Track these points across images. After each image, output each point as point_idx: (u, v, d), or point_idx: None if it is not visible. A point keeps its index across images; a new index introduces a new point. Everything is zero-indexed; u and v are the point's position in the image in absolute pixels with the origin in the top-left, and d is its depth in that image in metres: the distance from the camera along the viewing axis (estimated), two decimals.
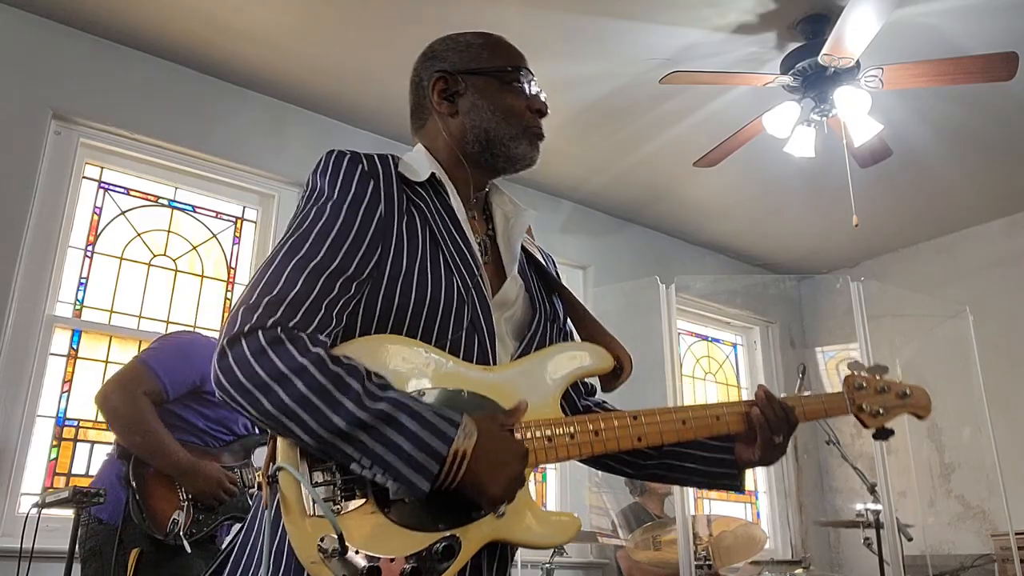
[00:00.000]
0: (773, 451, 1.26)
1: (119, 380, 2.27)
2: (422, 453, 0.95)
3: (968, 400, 3.99)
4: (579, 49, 3.55)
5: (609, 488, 4.23)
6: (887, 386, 1.39)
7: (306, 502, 0.96)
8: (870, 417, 1.37)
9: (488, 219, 1.32)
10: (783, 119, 3.44)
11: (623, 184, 4.79)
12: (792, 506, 5.44)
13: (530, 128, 1.26)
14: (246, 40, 3.53)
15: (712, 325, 5.68)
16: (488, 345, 1.14)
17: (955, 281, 5.20)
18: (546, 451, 1.10)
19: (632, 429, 1.18)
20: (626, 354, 1.24)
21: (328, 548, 0.93)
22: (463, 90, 1.26)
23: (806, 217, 5.17)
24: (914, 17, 3.31)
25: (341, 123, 4.12)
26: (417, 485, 0.95)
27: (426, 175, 1.20)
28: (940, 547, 4.90)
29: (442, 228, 1.17)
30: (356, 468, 0.96)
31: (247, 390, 0.96)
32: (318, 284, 1.04)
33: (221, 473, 2.29)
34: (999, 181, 4.72)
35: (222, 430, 2.40)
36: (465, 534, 1.01)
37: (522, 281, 1.27)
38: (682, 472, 1.33)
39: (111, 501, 2.20)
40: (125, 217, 3.60)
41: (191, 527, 2.21)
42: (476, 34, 1.32)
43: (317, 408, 0.95)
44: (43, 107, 3.33)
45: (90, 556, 2.21)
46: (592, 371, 1.22)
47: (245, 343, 0.97)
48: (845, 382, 1.39)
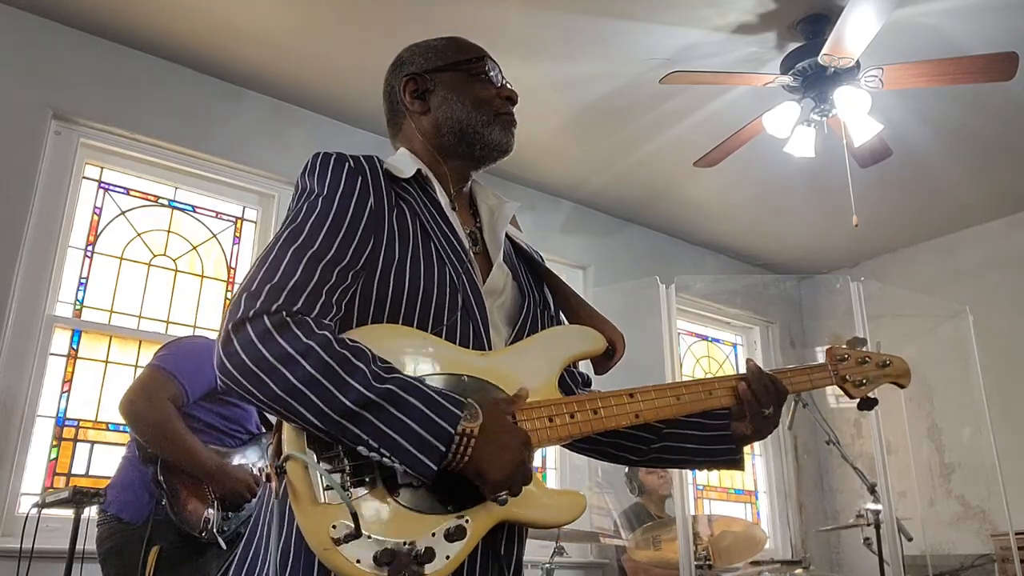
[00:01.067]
0: (764, 423, 1.28)
1: (141, 387, 2.29)
2: (429, 434, 0.96)
3: (968, 400, 4.00)
4: (579, 49, 3.55)
5: (611, 488, 4.23)
6: (867, 357, 1.44)
7: (316, 490, 0.96)
8: (853, 387, 1.42)
9: (475, 214, 1.35)
10: (783, 119, 3.44)
11: (623, 184, 4.79)
12: (792, 506, 5.44)
13: (501, 114, 1.29)
14: (246, 40, 3.53)
15: (712, 325, 5.68)
16: (482, 330, 1.16)
17: (955, 281, 5.20)
18: (548, 431, 1.12)
19: (629, 406, 1.20)
20: (619, 334, 1.26)
21: (341, 534, 0.93)
22: (432, 87, 1.30)
23: (806, 217, 5.17)
24: (914, 17, 3.31)
25: (341, 123, 4.12)
26: (427, 464, 0.95)
27: (412, 172, 1.23)
28: (940, 547, 4.90)
29: (431, 220, 1.20)
30: (363, 450, 0.96)
31: (254, 373, 0.96)
32: (317, 272, 1.05)
33: (249, 475, 2.32)
34: (999, 181, 4.72)
35: (239, 429, 2.43)
36: (475, 516, 1.02)
37: (509, 270, 1.30)
38: (683, 453, 1.35)
39: (132, 501, 2.23)
40: (125, 217, 3.60)
41: (221, 525, 2.25)
42: (437, 38, 1.37)
43: (325, 388, 0.95)
44: (43, 107, 3.33)
45: (110, 555, 2.22)
46: (586, 353, 1.24)
47: (250, 327, 0.98)
48: (827, 353, 1.44)
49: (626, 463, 1.41)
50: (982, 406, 4.00)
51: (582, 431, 1.15)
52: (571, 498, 1.14)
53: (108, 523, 2.26)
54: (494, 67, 1.33)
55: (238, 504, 2.30)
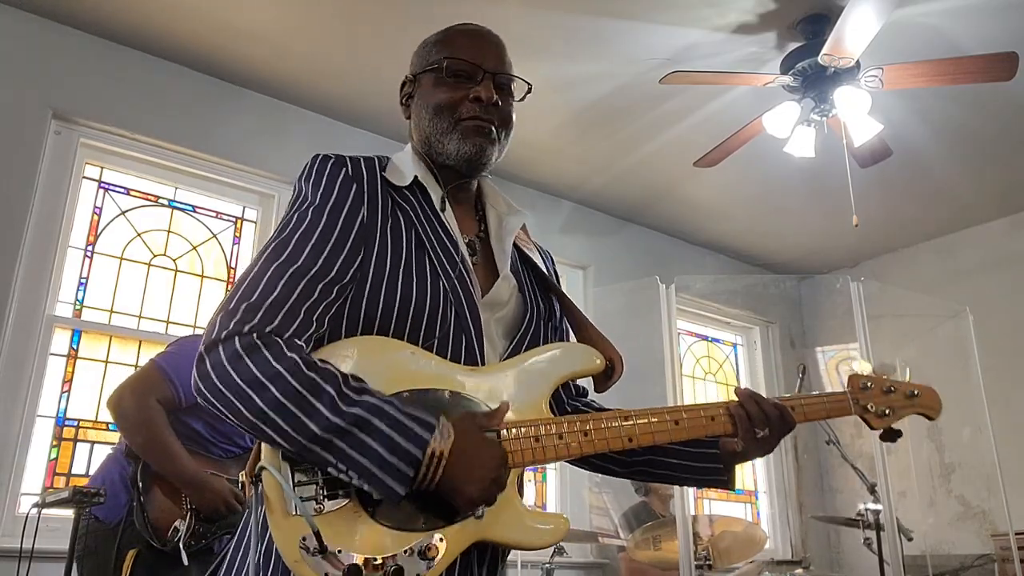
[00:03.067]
0: (756, 445, 1.22)
1: (133, 385, 2.26)
2: (396, 457, 0.95)
3: (968, 400, 3.99)
4: (579, 49, 3.55)
5: (610, 488, 4.23)
6: (894, 386, 1.35)
7: (287, 502, 0.96)
8: (876, 418, 1.33)
9: (481, 219, 1.31)
10: (783, 119, 3.44)
11: (623, 184, 4.79)
12: (792, 506, 5.44)
13: (462, 120, 1.20)
14: (246, 40, 3.53)
15: (712, 325, 5.68)
16: (475, 345, 1.13)
17: (955, 281, 5.20)
18: (533, 452, 1.08)
19: (623, 430, 1.15)
20: (618, 355, 1.22)
21: (310, 547, 0.93)
22: (414, 92, 1.28)
23: (806, 217, 5.17)
24: (914, 17, 3.30)
25: (341, 123, 4.12)
26: (393, 489, 0.95)
27: (409, 179, 1.20)
28: (940, 547, 4.90)
29: (428, 230, 1.17)
30: (334, 472, 0.96)
31: (224, 395, 0.97)
32: (298, 288, 1.04)
33: (228, 489, 2.26)
34: (999, 181, 4.72)
35: (228, 442, 2.38)
36: (450, 534, 1.00)
37: (515, 280, 1.26)
38: (669, 469, 1.30)
39: (109, 500, 2.19)
40: (125, 217, 3.60)
41: (191, 538, 2.19)
42: (440, 31, 1.30)
43: (293, 414, 0.95)
44: (43, 107, 3.33)
45: (86, 554, 2.20)
46: (582, 372, 1.19)
47: (222, 349, 0.98)
48: (849, 382, 1.35)
49: (609, 474, 1.36)
50: (982, 406, 4.00)
51: (570, 453, 1.11)
52: (553, 521, 1.09)
53: (84, 520, 2.23)
54: (471, 66, 1.22)
55: (213, 518, 2.24)
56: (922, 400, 1.37)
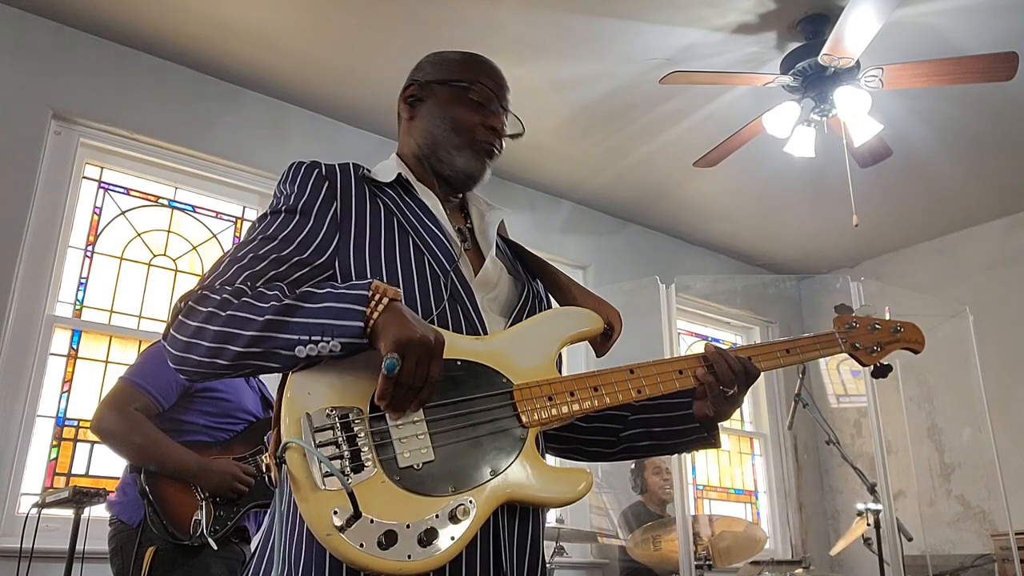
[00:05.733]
0: (726, 404, 1.25)
1: (109, 402, 2.28)
2: (347, 302, 1.00)
3: (968, 400, 4.00)
4: (578, 49, 3.55)
5: (610, 488, 4.23)
6: (878, 323, 1.41)
7: (315, 477, 0.96)
8: (866, 355, 1.39)
9: (466, 217, 1.36)
10: (783, 119, 3.44)
11: (623, 184, 4.79)
12: (792, 506, 5.44)
13: (478, 142, 1.29)
14: (246, 40, 3.53)
15: (712, 325, 5.68)
16: (474, 316, 1.16)
17: (955, 281, 5.20)
18: (547, 410, 1.11)
19: (631, 382, 1.19)
20: (615, 313, 1.25)
21: (343, 519, 0.93)
22: (426, 98, 1.33)
23: (806, 217, 5.17)
24: (914, 17, 3.31)
25: (341, 123, 4.12)
26: (351, 325, 0.98)
27: (392, 177, 1.25)
28: (940, 547, 4.90)
29: (411, 217, 1.21)
30: (301, 351, 0.98)
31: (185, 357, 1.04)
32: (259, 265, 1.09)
33: (233, 466, 2.28)
34: (999, 181, 4.72)
35: (229, 421, 2.40)
36: (478, 496, 1.02)
37: (502, 264, 1.30)
38: (653, 439, 1.33)
39: (128, 503, 2.23)
40: (125, 217, 3.60)
41: (214, 524, 2.21)
42: (463, 53, 1.37)
43: (244, 319, 1.01)
44: (43, 107, 3.33)
45: (113, 555, 2.25)
46: (584, 333, 1.22)
47: (172, 327, 1.07)
48: (836, 323, 1.41)
49: (600, 458, 1.38)
50: (982, 406, 4.00)
51: (582, 408, 1.14)
52: (576, 475, 1.10)
53: (112, 524, 2.28)
54: (493, 97, 1.31)
55: (230, 499, 2.26)
56: (906, 335, 1.43)
